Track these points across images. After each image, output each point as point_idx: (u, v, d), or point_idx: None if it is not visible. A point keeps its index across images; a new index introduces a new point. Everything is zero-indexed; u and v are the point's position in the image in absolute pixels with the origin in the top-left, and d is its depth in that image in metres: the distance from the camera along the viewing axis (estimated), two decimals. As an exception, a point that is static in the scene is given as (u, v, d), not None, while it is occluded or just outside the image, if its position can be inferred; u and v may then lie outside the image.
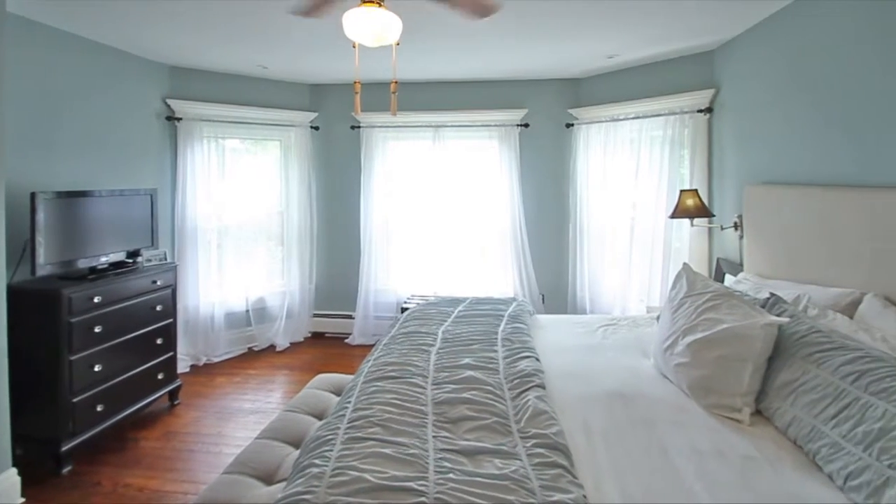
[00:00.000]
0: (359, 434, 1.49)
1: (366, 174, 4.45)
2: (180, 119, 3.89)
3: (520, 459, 1.38)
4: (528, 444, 1.44)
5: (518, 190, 4.28)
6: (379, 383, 1.82)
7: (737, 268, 2.93)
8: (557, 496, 1.22)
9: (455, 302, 2.81)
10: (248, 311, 4.28)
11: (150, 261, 3.17)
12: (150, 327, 3.02)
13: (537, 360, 1.98)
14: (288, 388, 3.56)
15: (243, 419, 3.06)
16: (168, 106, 3.88)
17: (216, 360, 4.02)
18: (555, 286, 4.40)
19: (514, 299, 2.85)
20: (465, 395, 1.71)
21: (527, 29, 2.94)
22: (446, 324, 2.43)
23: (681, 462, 1.36)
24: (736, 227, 3.01)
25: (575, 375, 1.93)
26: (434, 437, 1.51)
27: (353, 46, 2.10)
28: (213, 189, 4.07)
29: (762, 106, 2.84)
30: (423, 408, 1.67)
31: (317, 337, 4.64)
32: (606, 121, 3.99)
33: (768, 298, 1.94)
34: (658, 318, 2.31)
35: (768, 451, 1.41)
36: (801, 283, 2.23)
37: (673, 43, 3.26)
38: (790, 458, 1.38)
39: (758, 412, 1.63)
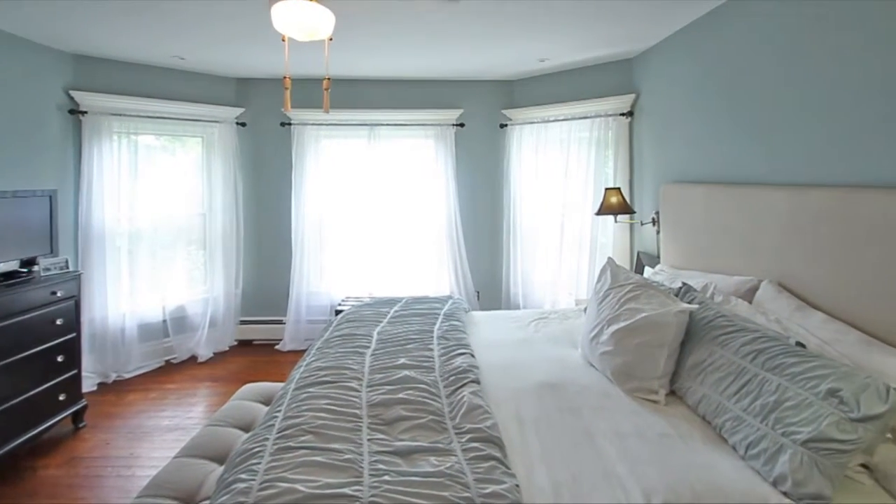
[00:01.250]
0: (289, 443, 1.43)
1: (297, 173, 4.29)
2: (85, 112, 3.53)
3: (455, 455, 1.40)
4: (463, 440, 1.47)
5: (454, 189, 4.32)
6: (311, 389, 1.77)
7: (655, 260, 3.15)
8: (491, 487, 1.25)
9: (391, 302, 2.79)
10: (165, 320, 3.96)
11: (48, 270, 2.85)
12: (49, 343, 2.71)
13: (472, 356, 2.01)
14: (211, 401, 3.35)
15: (160, 438, 2.84)
16: (71, 98, 3.51)
17: (128, 375, 3.69)
18: (489, 283, 4.49)
19: (449, 297, 2.87)
20: (400, 395, 1.70)
21: (463, 30, 2.96)
22: (382, 324, 2.40)
23: (605, 444, 1.44)
24: (654, 222, 3.23)
25: (508, 369, 1.98)
26: (369, 440, 1.49)
27: (283, 40, 2.01)
28: (124, 190, 3.73)
29: (675, 111, 3.07)
30: (357, 411, 1.64)
31: (244, 345, 4.40)
32: (538, 122, 4.14)
33: (681, 288, 2.10)
34: (585, 310, 2.42)
35: (681, 427, 1.53)
36: (709, 273, 2.43)
37: (596, 50, 3.45)
38: (700, 433, 1.50)
39: (672, 392, 1.76)
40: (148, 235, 3.91)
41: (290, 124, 4.31)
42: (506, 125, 4.36)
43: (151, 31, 2.99)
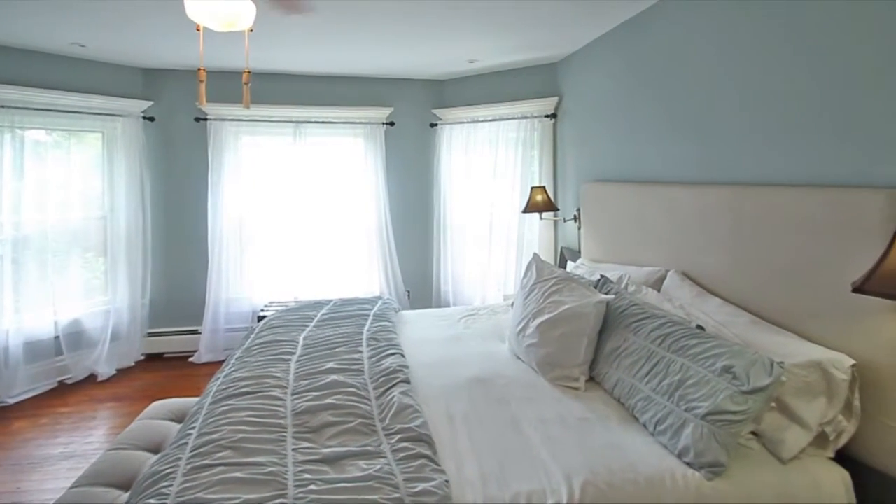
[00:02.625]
0: (205, 461, 1.34)
1: (215, 172, 4.00)
2: (-47, 104, 3.07)
3: (385, 457, 1.38)
4: (392, 441, 1.45)
5: (384, 188, 4.27)
6: (230, 402, 1.66)
7: (576, 255, 3.32)
8: (421, 486, 1.25)
9: (318, 305, 2.70)
10: (57, 337, 3.52)
11: None
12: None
13: (402, 355, 2.00)
14: (115, 423, 3.04)
15: (52, 468, 2.53)
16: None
17: (13, 401, 3.24)
18: (420, 282, 4.49)
19: (379, 298, 2.84)
20: (327, 400, 1.65)
21: (390, 28, 2.92)
22: (308, 329, 2.32)
23: (530, 432, 1.50)
24: (575, 219, 3.41)
25: (439, 366, 1.99)
26: (294, 449, 1.43)
27: (198, 29, 1.85)
28: (6, 192, 3.29)
29: (594, 113, 3.26)
30: (281, 421, 1.57)
31: (153, 359, 4.02)
32: (468, 122, 4.20)
33: (599, 280, 2.22)
34: (513, 304, 2.50)
35: (599, 411, 1.63)
36: (624, 265, 2.60)
37: (523, 54, 3.57)
38: (616, 415, 1.60)
39: (591, 379, 1.86)
40: (35, 242, 3.46)
41: (205, 120, 4.02)
42: (436, 124, 4.38)
43: (47, 15, 2.65)
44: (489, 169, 4.10)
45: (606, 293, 2.05)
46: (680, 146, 2.36)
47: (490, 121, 4.07)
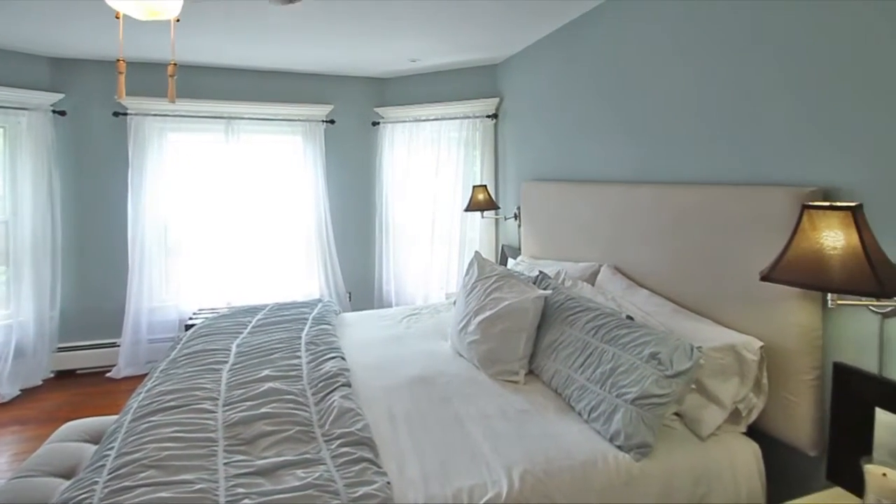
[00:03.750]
0: (125, 483, 1.24)
1: (136, 171, 3.71)
2: None
3: (324, 463, 1.35)
4: (332, 446, 1.42)
5: (323, 188, 4.15)
6: (154, 418, 1.55)
7: (516, 252, 3.40)
8: (362, 490, 1.23)
9: (253, 311, 2.58)
10: (-51, 357, 3.14)
11: None
12: None
13: (343, 359, 1.96)
14: (19, 448, 2.74)
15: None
16: None
17: None
18: (362, 283, 4.42)
19: (319, 301, 2.75)
20: (263, 410, 1.58)
21: (330, 24, 2.83)
22: (242, 336, 2.21)
23: (472, 428, 1.52)
24: (516, 217, 3.49)
25: (381, 367, 1.97)
26: (226, 463, 1.36)
27: (117, 17, 1.69)
28: None
29: (533, 114, 3.35)
30: (212, 434, 1.49)
31: (64, 376, 3.64)
32: (410, 121, 4.19)
33: (538, 276, 2.28)
34: (455, 302, 2.51)
35: (538, 402, 1.68)
36: (561, 261, 2.70)
37: (464, 55, 3.60)
38: (553, 405, 1.66)
39: (531, 372, 1.92)
40: (-80, 251, 3.06)
41: (125, 114, 3.71)
42: (378, 123, 4.33)
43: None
44: (431, 168, 4.11)
45: (544, 289, 2.11)
46: (612, 147, 2.48)
47: (432, 120, 4.08)
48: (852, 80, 1.38)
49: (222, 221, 3.94)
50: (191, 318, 3.62)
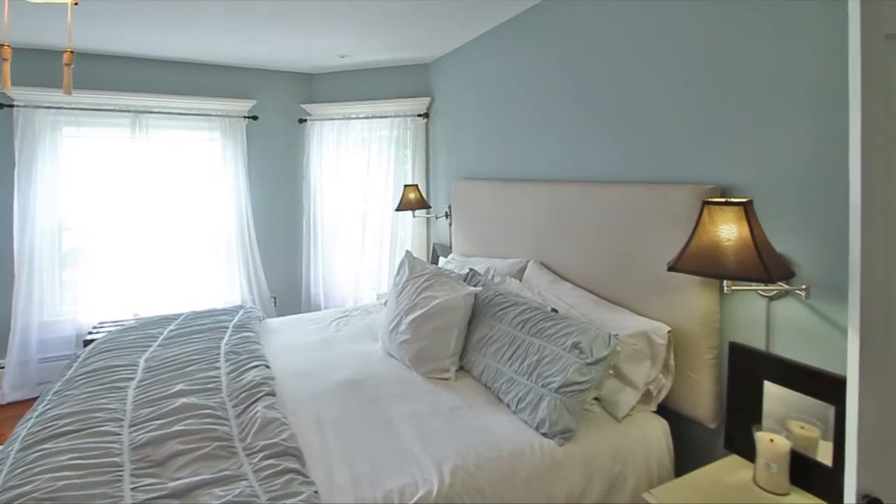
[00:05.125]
0: (9, 521, 1.09)
1: (23, 171, 3.27)
2: None
3: (246, 479, 1.28)
4: (255, 460, 1.35)
5: (245, 187, 3.93)
6: (47, 445, 1.39)
7: (447, 250, 3.43)
8: (289, 501, 1.18)
9: (165, 321, 2.38)
10: None
11: None
12: None
13: (267, 367, 1.86)
14: None
15: None
16: None
17: None
18: (288, 286, 4.24)
19: (241, 307, 2.60)
20: (175, 427, 1.47)
21: (252, 14, 2.66)
22: (152, 349, 2.03)
23: (403, 428, 1.50)
24: (447, 216, 3.52)
25: (308, 373, 1.90)
26: (133, 488, 1.24)
27: None
28: None
29: (463, 114, 3.39)
30: (116, 459, 1.36)
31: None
32: (339, 119, 4.07)
33: (468, 273, 2.32)
34: (386, 303, 2.48)
35: (469, 397, 1.70)
36: (491, 258, 2.75)
37: (395, 53, 3.56)
38: (483, 399, 1.69)
39: (462, 368, 1.94)
40: None
41: (11, 106, 3.27)
42: (305, 120, 4.17)
43: None
44: (362, 167, 4.03)
45: (475, 286, 2.14)
46: (538, 147, 2.57)
47: (363, 118, 4.01)
48: (743, 89, 1.53)
49: (129, 225, 3.59)
50: (91, 333, 3.25)
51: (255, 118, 4.01)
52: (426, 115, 3.91)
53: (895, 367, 0.94)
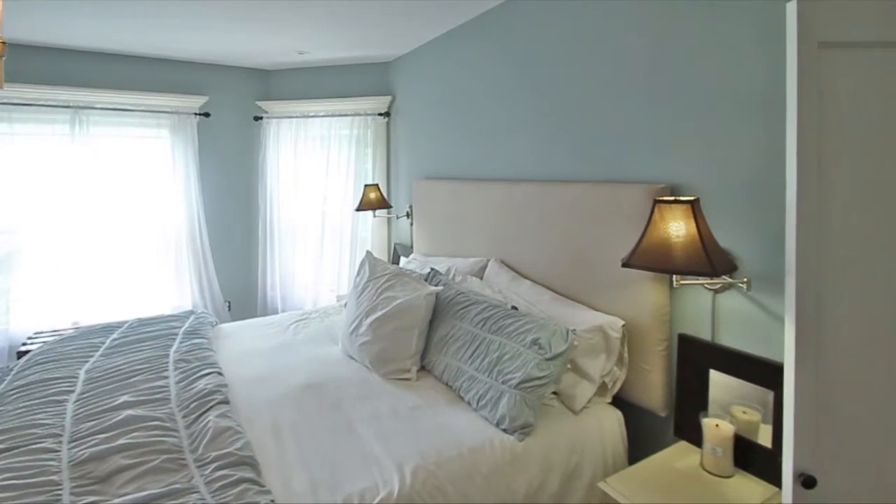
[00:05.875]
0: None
1: (-57, 172, 3.02)
2: None
3: (197, 492, 1.22)
4: (207, 471, 1.29)
5: (197, 187, 3.76)
6: (-26, 467, 1.27)
7: (409, 250, 3.41)
8: (243, 513, 1.13)
9: (108, 329, 2.24)
10: None
11: None
12: None
13: (220, 374, 1.79)
14: None
15: None
16: None
17: None
18: (243, 290, 4.09)
19: (192, 312, 2.49)
20: (120, 441, 1.39)
21: (204, 5, 2.54)
22: (93, 359, 1.91)
23: (363, 430, 1.48)
24: (408, 215, 3.50)
25: (265, 378, 1.84)
26: (73, 508, 1.16)
27: None
28: None
29: (424, 113, 3.38)
30: (54, 477, 1.27)
31: None
32: (297, 116, 3.96)
33: (429, 272, 2.31)
34: (346, 305, 2.44)
35: (429, 397, 1.69)
36: (452, 257, 2.75)
37: (356, 50, 3.49)
38: (444, 398, 1.69)
39: (423, 368, 1.93)
40: None
41: (-68, 101, 3.00)
42: (261, 118, 4.03)
43: None
44: (321, 167, 3.95)
45: (436, 285, 2.14)
46: (496, 147, 2.59)
47: (322, 116, 3.92)
48: (691, 94, 1.60)
49: (69, 228, 3.36)
50: (25, 344, 3.02)
51: (206, 115, 3.84)
52: (387, 114, 3.87)
53: (827, 354, 1.01)
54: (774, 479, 1.30)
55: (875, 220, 1.01)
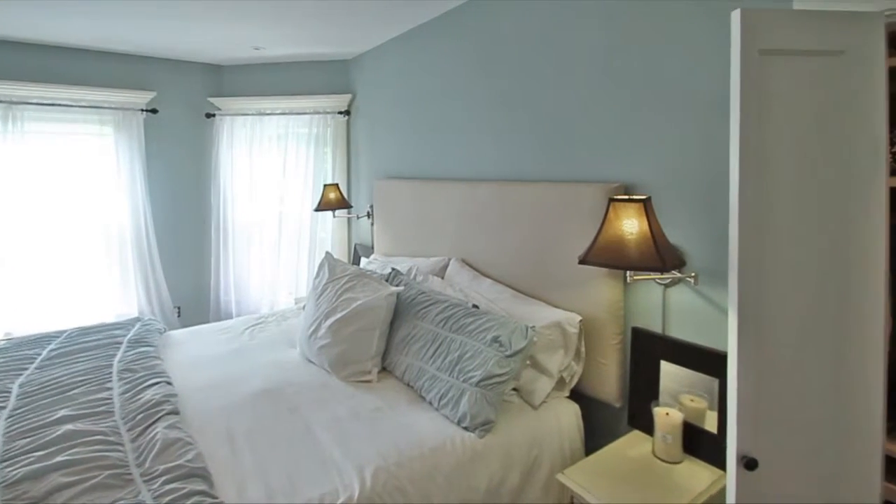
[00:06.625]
0: None
1: None
2: None
3: (144, 507, 1.15)
4: (155, 485, 1.23)
5: (144, 188, 3.56)
6: None
7: (370, 251, 3.37)
8: (194, 527, 1.08)
9: (44, 340, 2.09)
10: None
11: None
12: None
13: (169, 383, 1.71)
14: None
15: None
16: None
17: None
18: (195, 294, 3.92)
19: (138, 319, 2.36)
20: (58, 458, 1.30)
21: None
22: (27, 372, 1.78)
23: (322, 435, 1.45)
24: (369, 215, 3.46)
25: (218, 386, 1.77)
26: (4, 533, 1.07)
27: None
28: None
29: (384, 112, 3.34)
30: (-19, 501, 1.16)
31: None
32: (253, 114, 3.83)
33: (391, 273, 2.29)
34: (304, 307, 2.38)
35: (390, 398, 1.68)
36: (413, 257, 2.74)
37: (314, 47, 3.40)
38: (405, 398, 1.68)
39: (384, 369, 1.91)
40: None
41: None
42: (213, 115, 3.86)
43: None
44: (278, 166, 3.83)
45: (397, 285, 2.12)
46: (457, 146, 2.60)
47: (279, 114, 3.80)
48: (644, 97, 1.66)
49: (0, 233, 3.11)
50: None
51: (154, 111, 3.65)
52: (347, 113, 3.81)
53: (767, 343, 1.07)
54: (720, 462, 1.37)
55: (809, 218, 1.08)
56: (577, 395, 1.76)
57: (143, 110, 3.58)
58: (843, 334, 1.09)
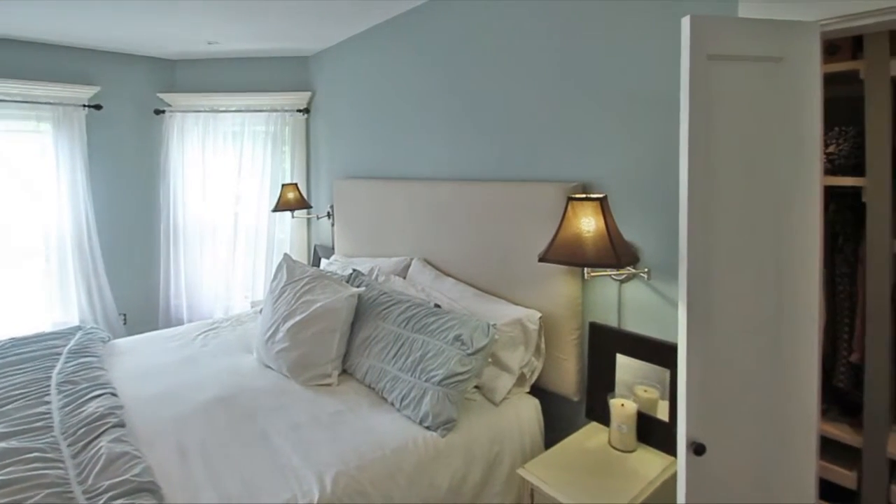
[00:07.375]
0: None
1: None
2: None
3: (87, 527, 1.08)
4: (99, 503, 1.15)
5: (85, 188, 3.34)
6: None
7: (330, 251, 3.31)
8: (142, 545, 1.03)
9: (-29, 352, 1.93)
10: None
11: None
12: None
13: (114, 394, 1.61)
14: None
15: None
16: None
17: None
18: (142, 301, 3.72)
19: (79, 328, 2.21)
20: (-11, 479, 1.19)
21: None
22: (-48, 388, 1.63)
23: (280, 441, 1.41)
24: (329, 215, 3.39)
25: (168, 395, 1.68)
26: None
27: None
28: None
29: (344, 111, 3.28)
30: None
31: None
32: (206, 111, 3.67)
33: (352, 274, 2.25)
34: (261, 311, 2.31)
35: (351, 401, 1.65)
36: (375, 257, 2.70)
37: (272, 42, 3.28)
38: (367, 401, 1.66)
39: (345, 372, 1.88)
40: None
41: None
42: (163, 111, 3.68)
43: None
44: (233, 165, 3.69)
45: (358, 286, 2.09)
46: (418, 146, 2.59)
47: (234, 111, 3.66)
48: (599, 98, 1.71)
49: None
50: None
51: (97, 107, 3.44)
52: (307, 111, 3.72)
53: (714, 334, 1.12)
54: (671, 449, 1.43)
55: (752, 215, 1.14)
56: (536, 390, 1.79)
57: (85, 106, 3.37)
58: (782, 325, 1.16)
